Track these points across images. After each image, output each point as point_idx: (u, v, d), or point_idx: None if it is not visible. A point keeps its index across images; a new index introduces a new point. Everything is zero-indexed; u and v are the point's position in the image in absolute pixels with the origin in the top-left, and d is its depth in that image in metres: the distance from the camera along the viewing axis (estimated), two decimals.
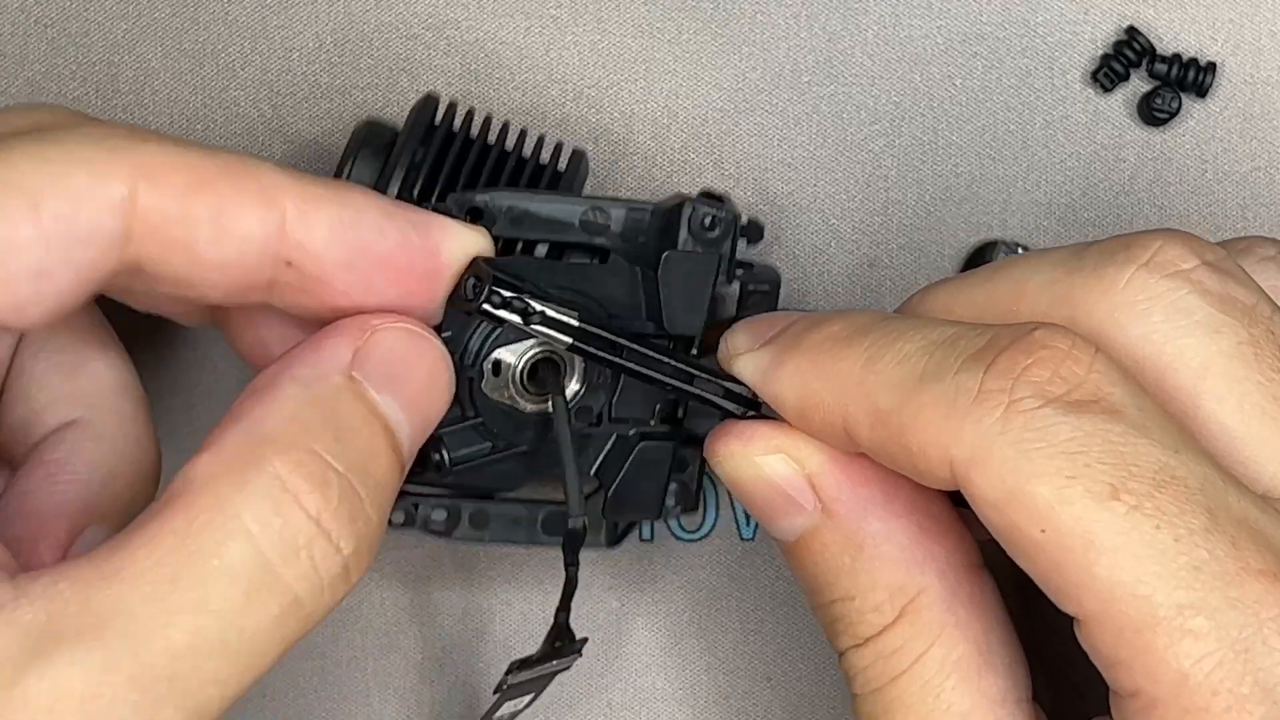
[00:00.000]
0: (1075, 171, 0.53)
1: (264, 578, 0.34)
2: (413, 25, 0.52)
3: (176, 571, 0.34)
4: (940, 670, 0.37)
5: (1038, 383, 0.34)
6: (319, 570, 0.35)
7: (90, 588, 0.33)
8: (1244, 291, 0.37)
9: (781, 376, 0.39)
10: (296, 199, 0.37)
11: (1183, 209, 0.53)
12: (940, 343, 0.36)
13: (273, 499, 0.35)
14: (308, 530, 0.35)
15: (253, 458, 0.35)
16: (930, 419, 0.35)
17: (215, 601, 0.34)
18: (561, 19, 0.53)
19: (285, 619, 0.35)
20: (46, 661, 0.33)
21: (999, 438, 0.34)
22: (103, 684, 0.33)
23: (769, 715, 0.52)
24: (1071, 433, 0.34)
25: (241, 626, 0.34)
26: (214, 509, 0.34)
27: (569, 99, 0.52)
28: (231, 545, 0.34)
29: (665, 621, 0.52)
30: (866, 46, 0.53)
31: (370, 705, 0.52)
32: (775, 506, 0.39)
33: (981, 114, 0.53)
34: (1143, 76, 0.53)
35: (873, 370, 0.37)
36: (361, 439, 0.37)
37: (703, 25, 0.53)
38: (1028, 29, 0.53)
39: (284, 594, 0.35)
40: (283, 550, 0.34)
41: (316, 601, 0.35)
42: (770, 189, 0.52)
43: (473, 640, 0.52)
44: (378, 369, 0.38)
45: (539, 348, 0.43)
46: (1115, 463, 0.34)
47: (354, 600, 0.52)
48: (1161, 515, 0.33)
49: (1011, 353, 0.35)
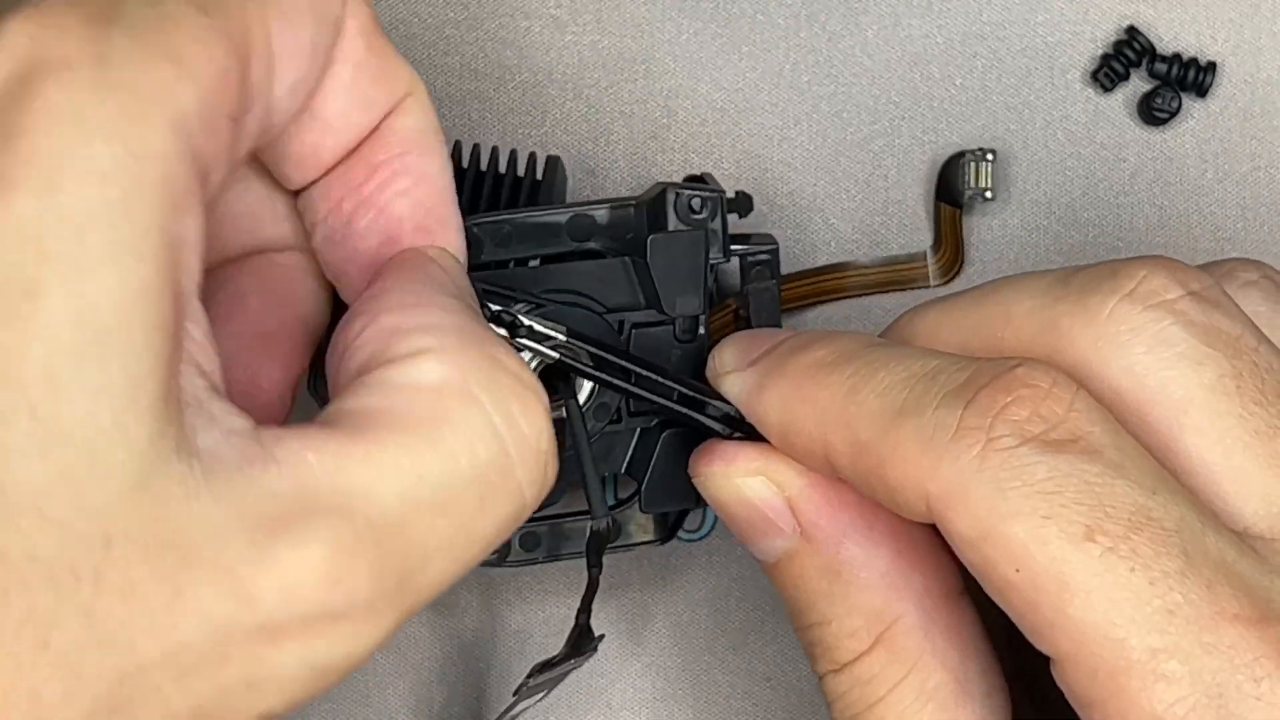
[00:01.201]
0: (1075, 171, 0.53)
1: (504, 482, 0.34)
2: (412, 25, 0.52)
3: (426, 470, 0.32)
4: (916, 699, 0.37)
5: (1016, 421, 0.34)
6: (548, 473, 0.35)
7: (340, 468, 0.32)
8: (1228, 322, 0.37)
9: (766, 399, 0.39)
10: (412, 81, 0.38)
11: (1183, 209, 0.53)
12: (921, 376, 0.36)
13: (518, 395, 0.34)
14: (548, 430, 0.34)
15: (486, 357, 0.34)
16: (908, 454, 0.35)
17: (456, 505, 0.33)
18: (561, 19, 0.53)
19: (510, 523, 0.34)
20: (297, 535, 0.31)
21: (975, 475, 0.34)
22: (346, 569, 0.31)
23: (769, 715, 0.52)
24: (1049, 472, 0.34)
25: (473, 529, 0.33)
26: (464, 405, 0.33)
27: (569, 99, 0.52)
28: (480, 447, 0.33)
29: (665, 621, 0.52)
30: (866, 46, 0.53)
31: (370, 705, 0.52)
32: (755, 528, 0.39)
33: (981, 114, 0.53)
34: (1143, 76, 0.53)
35: (854, 400, 0.36)
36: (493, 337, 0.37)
37: (703, 25, 0.53)
38: (1028, 29, 0.53)
39: (518, 499, 0.34)
40: (524, 450, 0.34)
41: (535, 505, 0.35)
42: (770, 189, 0.52)
43: (474, 640, 0.52)
44: (462, 293, 0.38)
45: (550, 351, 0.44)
46: (1092, 504, 0.33)
47: None
48: (1137, 558, 0.33)
49: (991, 390, 0.35)
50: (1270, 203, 0.53)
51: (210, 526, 0.30)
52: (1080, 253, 0.53)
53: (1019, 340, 0.38)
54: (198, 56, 0.32)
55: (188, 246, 0.31)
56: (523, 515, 0.35)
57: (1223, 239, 0.53)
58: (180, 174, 0.31)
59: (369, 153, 0.38)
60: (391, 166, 0.38)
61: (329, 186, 0.38)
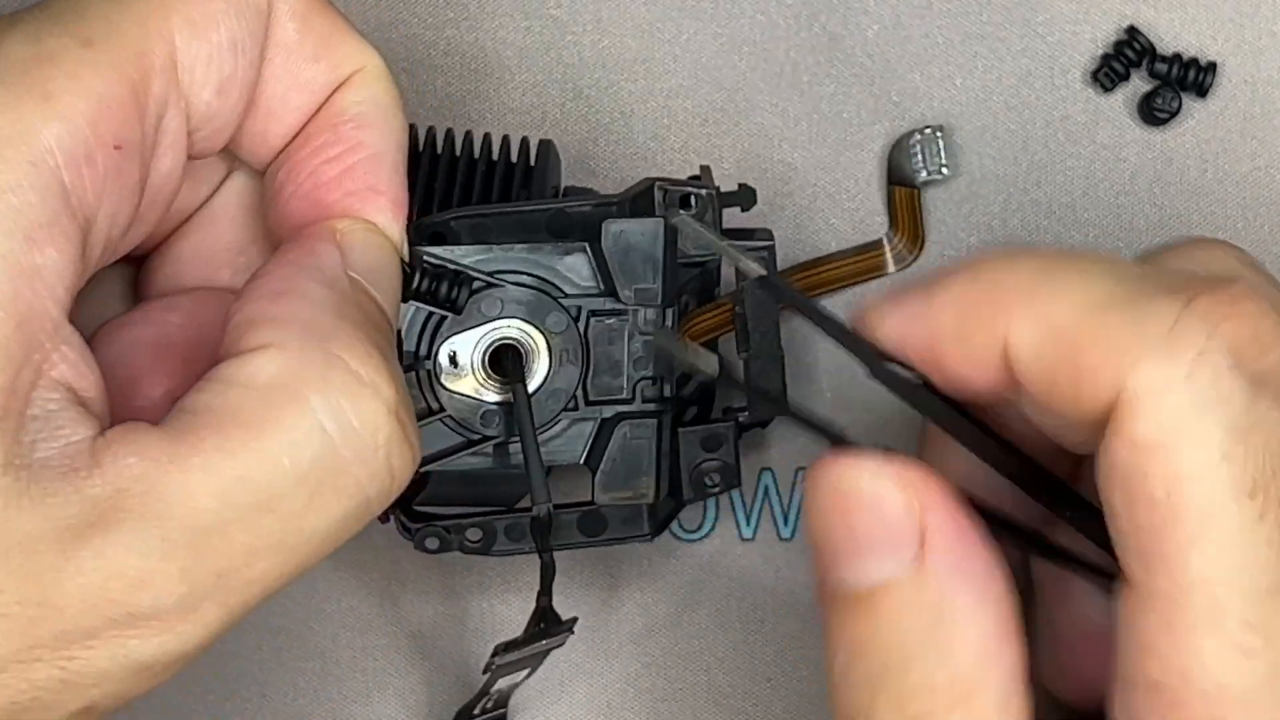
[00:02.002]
0: (1075, 171, 0.53)
1: (334, 480, 0.34)
2: (413, 25, 0.52)
3: (245, 471, 0.33)
4: None
5: (1236, 338, 0.33)
6: (394, 471, 0.34)
7: (159, 469, 0.33)
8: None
9: (940, 298, 0.36)
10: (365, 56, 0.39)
11: (1183, 209, 0.53)
12: (1128, 271, 0.34)
13: (350, 394, 0.34)
14: (387, 425, 0.34)
15: (321, 354, 0.34)
16: (1115, 342, 0.33)
17: (281, 504, 0.33)
18: (561, 19, 0.53)
19: (349, 519, 0.34)
20: (104, 538, 0.32)
21: (1183, 382, 0.32)
22: (154, 572, 0.32)
23: (769, 715, 0.52)
24: (1246, 409, 0.32)
25: (302, 528, 0.33)
26: (289, 406, 0.33)
27: (569, 99, 0.52)
28: (305, 447, 0.33)
29: (664, 621, 0.52)
30: (866, 46, 0.53)
31: (370, 705, 0.52)
32: (869, 539, 0.35)
33: (981, 114, 0.53)
34: (1143, 76, 0.53)
35: (1051, 283, 0.34)
36: (387, 335, 0.36)
37: (703, 25, 0.53)
38: (1028, 29, 0.53)
39: (355, 494, 0.34)
40: (359, 448, 0.34)
41: (384, 499, 0.35)
42: (770, 189, 0.52)
43: (474, 641, 0.52)
44: (365, 270, 0.37)
45: (495, 334, 0.43)
46: (1269, 459, 0.32)
47: (354, 601, 0.52)
48: (1274, 540, 0.32)
49: (1213, 297, 0.33)
50: (1270, 203, 0.53)
51: (23, 535, 0.32)
52: None
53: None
54: (69, 92, 0.33)
55: (47, 275, 0.33)
56: (368, 510, 0.34)
57: (1222, 239, 0.53)
58: (36, 207, 0.32)
59: (309, 126, 0.38)
60: (324, 136, 0.38)
61: (275, 164, 0.39)
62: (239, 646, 0.52)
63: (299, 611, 0.52)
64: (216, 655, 0.52)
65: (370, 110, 0.38)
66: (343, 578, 0.52)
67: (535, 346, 0.44)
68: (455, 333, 0.43)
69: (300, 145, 0.38)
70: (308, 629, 0.52)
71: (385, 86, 0.39)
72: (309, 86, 0.38)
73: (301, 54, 0.38)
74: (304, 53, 0.38)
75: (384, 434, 0.34)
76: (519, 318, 0.43)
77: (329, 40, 0.38)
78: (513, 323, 0.43)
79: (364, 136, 0.38)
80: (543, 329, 0.43)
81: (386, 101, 0.39)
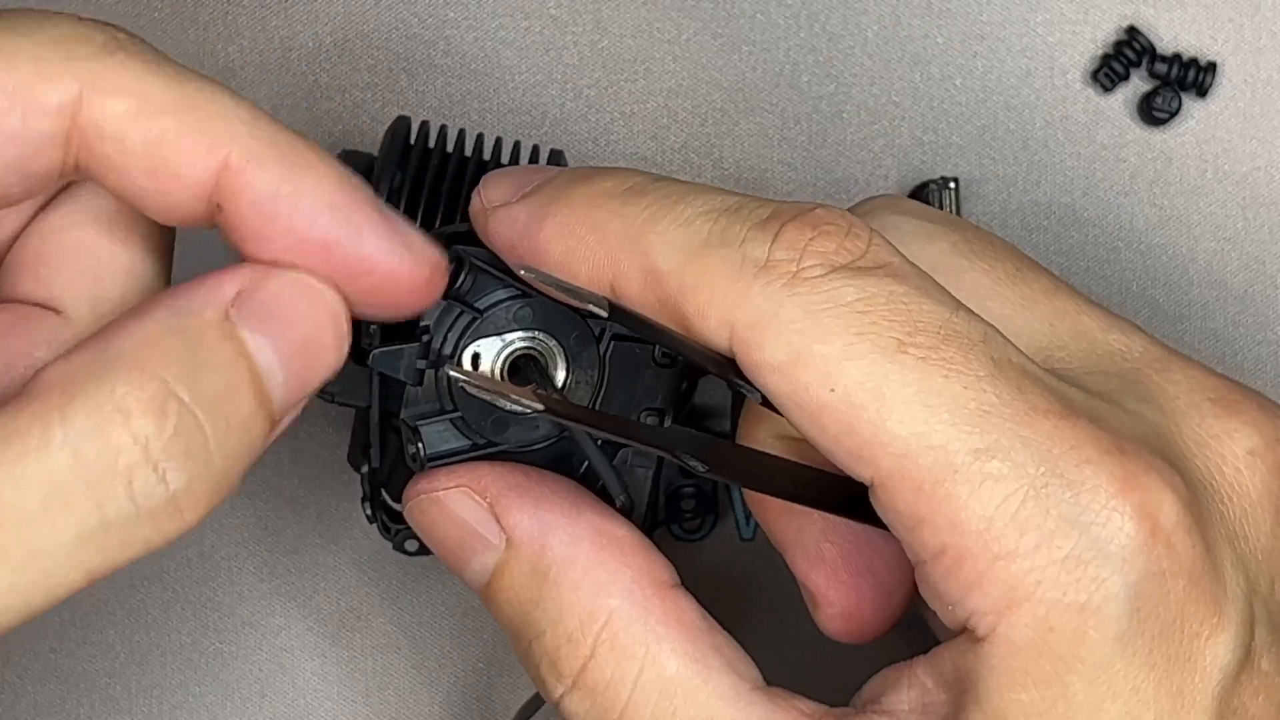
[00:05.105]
0: (1075, 171, 0.53)
1: (66, 496, 0.33)
2: (413, 25, 0.52)
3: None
4: (662, 692, 0.37)
5: (823, 253, 0.35)
6: (136, 498, 0.34)
7: None
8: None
9: (547, 229, 0.38)
10: (241, 148, 0.36)
11: (1183, 209, 0.53)
12: (723, 210, 0.36)
13: (99, 416, 0.34)
14: (130, 454, 0.34)
15: (93, 371, 0.34)
16: (715, 282, 0.35)
17: (6, 510, 0.33)
18: (561, 19, 0.53)
19: (85, 542, 0.34)
20: None
21: (787, 300, 0.35)
22: None
23: None
24: (858, 294, 0.35)
25: (27, 540, 0.33)
26: (36, 416, 0.33)
27: (569, 99, 0.53)
28: (39, 455, 0.33)
29: None
30: (866, 46, 0.53)
31: (370, 705, 0.52)
32: (466, 546, 0.39)
33: (981, 114, 0.53)
34: (1143, 76, 0.53)
35: (653, 230, 0.36)
36: (220, 377, 0.35)
37: (703, 25, 0.53)
38: (1028, 29, 0.53)
39: (87, 516, 0.33)
40: (97, 470, 0.33)
41: (130, 531, 0.34)
42: (770, 189, 0.52)
43: (474, 641, 0.52)
44: (257, 311, 0.36)
45: (519, 343, 0.43)
46: (902, 319, 0.34)
47: (354, 601, 0.52)
48: (949, 365, 0.34)
49: (797, 225, 0.35)
50: (1270, 203, 0.53)
51: None
52: (1080, 253, 0.53)
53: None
54: None
55: None
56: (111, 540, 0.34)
57: (1223, 239, 0.53)
58: None
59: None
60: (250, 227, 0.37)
61: None
62: (239, 647, 0.52)
63: (298, 611, 0.52)
64: (216, 655, 0.52)
65: (266, 204, 0.36)
66: (342, 578, 0.52)
67: (555, 361, 0.44)
68: (481, 336, 0.43)
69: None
70: (308, 629, 0.52)
71: (264, 172, 0.36)
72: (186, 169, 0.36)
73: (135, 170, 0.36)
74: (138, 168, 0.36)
75: (123, 461, 0.34)
76: (545, 330, 0.43)
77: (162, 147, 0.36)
78: (538, 334, 0.43)
79: (276, 223, 0.37)
80: (565, 345, 0.43)
81: (274, 189, 0.36)
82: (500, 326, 0.42)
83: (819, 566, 0.41)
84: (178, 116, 0.35)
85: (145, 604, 0.52)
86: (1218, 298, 0.53)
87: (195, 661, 0.52)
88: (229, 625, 0.52)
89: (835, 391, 0.34)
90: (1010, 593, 0.34)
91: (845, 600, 0.41)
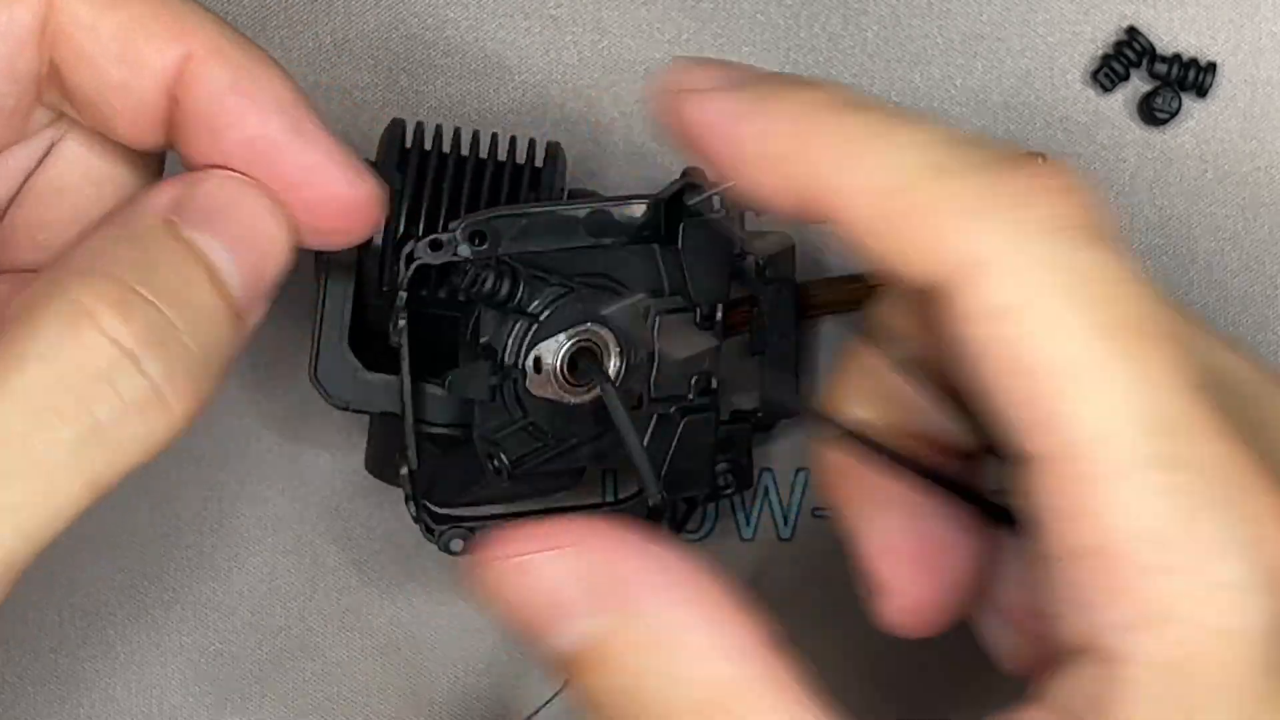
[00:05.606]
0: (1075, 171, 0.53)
1: (54, 401, 0.34)
2: (412, 25, 0.52)
3: None
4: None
5: (1069, 205, 0.33)
6: (121, 392, 0.34)
7: None
8: None
9: (754, 126, 0.35)
10: (204, 41, 0.37)
11: (1183, 209, 0.53)
12: (961, 139, 0.34)
13: (67, 322, 0.34)
14: (104, 350, 0.34)
15: (52, 289, 0.35)
16: (953, 208, 0.33)
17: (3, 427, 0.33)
18: (561, 19, 0.53)
19: (84, 445, 0.34)
20: None
21: (1027, 244, 0.33)
22: None
23: None
24: (1091, 263, 0.33)
25: (28, 452, 0.34)
26: (8, 340, 0.34)
27: (569, 99, 0.53)
28: (21, 370, 0.34)
29: None
30: (866, 46, 0.53)
31: (370, 705, 0.52)
32: (555, 611, 0.35)
33: (981, 114, 0.53)
34: (1143, 76, 0.53)
35: (886, 144, 0.34)
36: (175, 273, 0.36)
37: (703, 25, 0.53)
38: (1028, 29, 0.53)
39: (80, 417, 0.34)
40: (78, 374, 0.34)
41: (123, 428, 0.35)
42: None
43: (474, 641, 0.52)
44: (197, 210, 0.37)
45: (575, 338, 0.44)
46: (1125, 305, 0.33)
47: (354, 601, 0.52)
48: (1163, 367, 0.32)
49: (1051, 171, 0.34)
50: (1270, 203, 0.53)
51: None
52: None
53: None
54: None
55: None
56: (109, 439, 0.34)
57: (1223, 239, 0.53)
58: None
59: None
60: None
61: None
62: (239, 647, 0.52)
63: (299, 611, 0.52)
64: (216, 655, 0.52)
65: (221, 96, 0.38)
66: (343, 578, 0.52)
67: (609, 348, 0.44)
68: (540, 340, 0.44)
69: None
70: (308, 629, 0.52)
71: (223, 66, 0.38)
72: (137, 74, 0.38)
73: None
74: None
75: (102, 359, 0.34)
76: (595, 320, 0.44)
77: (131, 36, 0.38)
78: (590, 326, 0.44)
79: (231, 120, 0.38)
80: (615, 331, 0.44)
81: (231, 82, 0.38)
82: (554, 327, 0.43)
83: (890, 556, 0.39)
84: (147, 5, 0.37)
85: (145, 604, 0.52)
86: (1218, 298, 0.53)
87: (195, 661, 0.52)
88: (229, 625, 0.52)
89: (1040, 354, 0.32)
90: (1160, 608, 0.32)
91: (912, 593, 0.39)
